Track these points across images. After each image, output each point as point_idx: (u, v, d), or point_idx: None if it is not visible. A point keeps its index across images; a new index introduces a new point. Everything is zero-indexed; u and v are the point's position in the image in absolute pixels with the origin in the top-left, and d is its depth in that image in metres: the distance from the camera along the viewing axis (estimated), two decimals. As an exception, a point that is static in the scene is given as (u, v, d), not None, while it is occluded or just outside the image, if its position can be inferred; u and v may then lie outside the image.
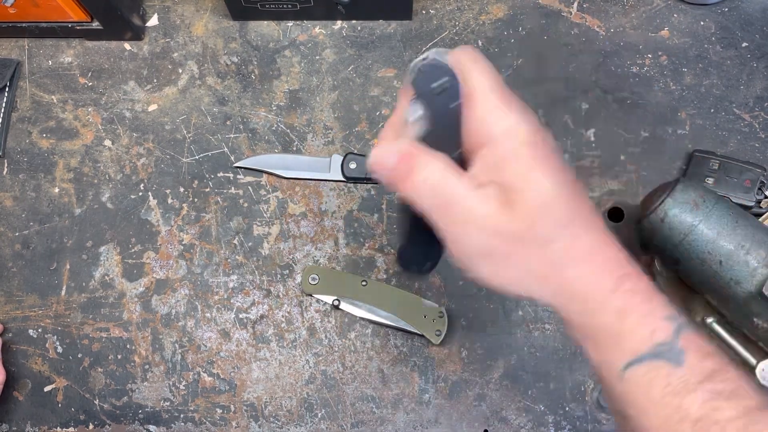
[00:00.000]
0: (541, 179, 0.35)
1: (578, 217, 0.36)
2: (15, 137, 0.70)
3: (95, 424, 0.64)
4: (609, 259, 0.36)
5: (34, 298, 0.66)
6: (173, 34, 0.72)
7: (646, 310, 0.35)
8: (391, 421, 0.62)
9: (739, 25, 0.69)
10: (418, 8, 0.71)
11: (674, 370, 0.34)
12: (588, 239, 0.36)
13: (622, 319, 0.35)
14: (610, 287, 0.35)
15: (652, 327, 0.34)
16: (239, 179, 0.68)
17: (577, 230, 0.36)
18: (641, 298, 0.35)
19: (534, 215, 0.35)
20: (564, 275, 0.35)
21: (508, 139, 0.35)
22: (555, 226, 0.35)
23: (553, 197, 0.35)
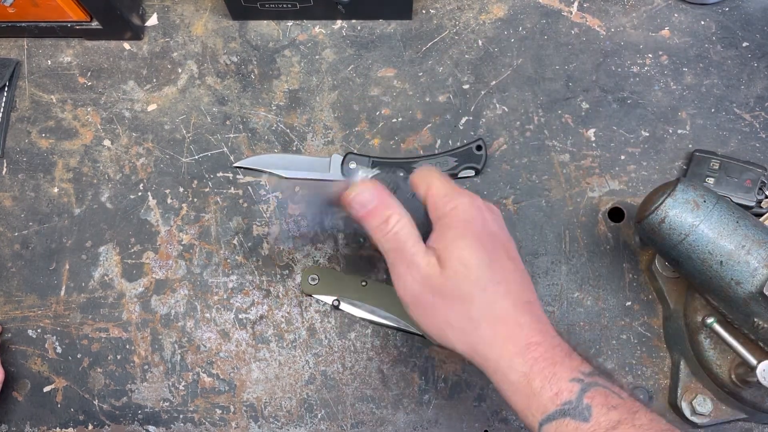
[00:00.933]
0: (465, 247, 0.42)
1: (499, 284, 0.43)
2: (14, 137, 0.70)
3: (94, 425, 0.64)
4: (520, 325, 0.42)
5: (34, 299, 0.66)
6: (173, 34, 0.72)
7: (549, 374, 0.40)
8: (391, 421, 0.62)
9: (740, 25, 0.69)
10: (418, 8, 0.71)
11: (581, 425, 0.39)
12: (504, 305, 0.42)
13: (528, 381, 0.40)
14: (516, 351, 0.41)
15: (556, 389, 0.40)
16: (239, 179, 0.68)
17: (495, 296, 0.42)
18: (546, 364, 0.40)
19: (457, 275, 0.42)
20: (478, 333, 0.42)
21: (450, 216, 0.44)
22: (474, 287, 0.42)
23: (475, 263, 0.42)
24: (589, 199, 0.65)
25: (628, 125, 0.67)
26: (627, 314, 0.63)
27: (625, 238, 0.64)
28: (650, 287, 0.63)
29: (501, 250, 0.45)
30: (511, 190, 0.66)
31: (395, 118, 0.68)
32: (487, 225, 0.45)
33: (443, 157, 0.65)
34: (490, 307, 0.42)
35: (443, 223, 0.45)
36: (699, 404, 0.57)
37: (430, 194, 0.46)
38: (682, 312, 0.59)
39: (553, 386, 0.40)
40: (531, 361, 0.41)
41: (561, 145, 0.67)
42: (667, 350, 0.62)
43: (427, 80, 0.69)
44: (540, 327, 0.43)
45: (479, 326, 0.42)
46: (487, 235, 0.44)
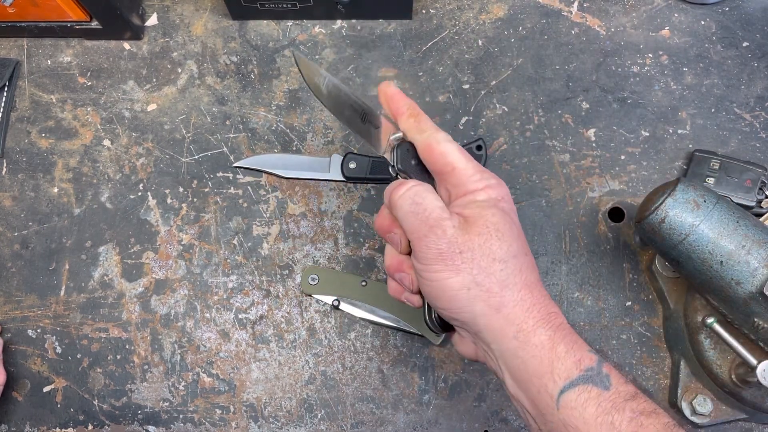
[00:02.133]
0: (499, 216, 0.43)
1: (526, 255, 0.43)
2: (14, 137, 0.70)
3: (94, 425, 0.63)
4: (543, 296, 0.42)
5: (33, 299, 0.66)
6: (172, 34, 0.72)
7: (571, 342, 0.41)
8: (391, 421, 0.62)
9: (740, 25, 0.68)
10: (418, 8, 0.71)
11: (603, 392, 0.39)
12: (532, 274, 0.43)
13: (553, 347, 0.40)
14: (542, 316, 0.41)
15: (578, 355, 0.40)
16: (239, 179, 0.67)
17: (522, 264, 0.43)
18: (567, 332, 0.41)
19: (491, 237, 0.42)
20: (506, 294, 0.41)
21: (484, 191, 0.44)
22: (507, 251, 0.42)
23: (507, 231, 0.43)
24: (589, 199, 0.65)
25: (628, 125, 0.67)
26: (627, 314, 0.63)
27: (625, 238, 0.64)
28: (650, 287, 0.63)
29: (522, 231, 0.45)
30: (511, 190, 0.66)
31: (395, 118, 0.68)
32: (512, 208, 0.46)
33: (443, 157, 0.65)
34: (520, 272, 0.42)
35: (472, 197, 0.44)
36: (699, 404, 0.57)
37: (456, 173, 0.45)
38: (682, 312, 0.59)
39: (576, 352, 0.40)
40: (554, 327, 0.41)
41: (561, 145, 0.67)
42: (668, 350, 0.62)
43: (427, 80, 0.69)
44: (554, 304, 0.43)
45: (507, 288, 0.42)
46: (513, 214, 0.45)
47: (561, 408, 0.39)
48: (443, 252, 0.42)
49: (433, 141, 0.46)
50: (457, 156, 0.45)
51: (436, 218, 0.43)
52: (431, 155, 0.46)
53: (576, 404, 0.39)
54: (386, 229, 0.48)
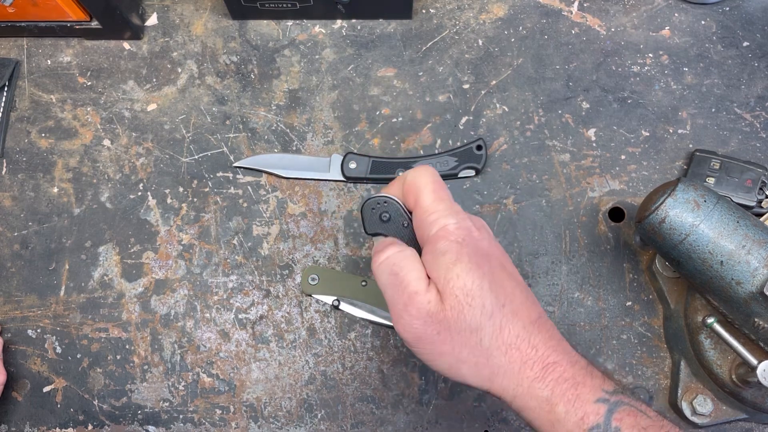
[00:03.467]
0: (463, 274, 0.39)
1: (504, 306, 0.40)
2: (14, 137, 0.70)
3: (94, 425, 0.63)
4: (535, 347, 0.39)
5: (33, 299, 0.66)
6: (172, 34, 0.72)
7: (573, 397, 0.37)
8: (391, 421, 0.62)
9: (740, 25, 0.68)
10: (418, 7, 0.71)
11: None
12: (514, 328, 0.39)
13: (551, 407, 0.38)
14: (534, 376, 0.38)
15: (581, 413, 0.37)
16: (239, 179, 0.67)
17: (503, 321, 0.39)
18: (568, 385, 0.38)
19: (461, 306, 0.39)
20: (492, 363, 0.39)
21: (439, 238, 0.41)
22: (481, 316, 0.39)
23: (476, 289, 0.39)
24: (589, 199, 0.65)
25: (628, 125, 0.67)
26: (627, 314, 0.63)
27: (625, 238, 0.64)
28: (650, 287, 0.63)
29: (498, 268, 0.41)
30: (512, 190, 0.66)
31: (395, 118, 0.68)
32: (479, 244, 0.41)
33: (443, 157, 0.65)
34: (499, 333, 0.39)
35: (434, 249, 0.41)
36: (699, 404, 0.57)
37: (417, 210, 0.43)
38: (682, 312, 0.58)
39: (578, 410, 0.37)
40: (552, 384, 0.38)
41: (561, 144, 0.67)
42: (668, 350, 0.62)
43: (427, 80, 0.69)
44: (555, 344, 0.40)
45: (492, 356, 0.39)
46: (481, 255, 0.41)
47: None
48: (421, 337, 0.40)
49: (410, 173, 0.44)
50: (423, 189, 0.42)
51: (410, 294, 0.40)
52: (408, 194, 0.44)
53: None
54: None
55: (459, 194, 0.66)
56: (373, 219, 0.45)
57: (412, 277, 0.41)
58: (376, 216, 0.45)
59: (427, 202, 0.42)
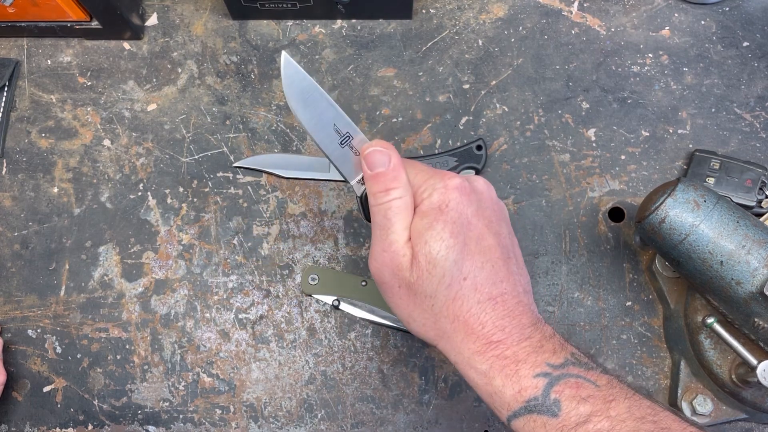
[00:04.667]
0: (433, 240, 0.40)
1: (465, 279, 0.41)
2: (14, 137, 0.70)
3: (94, 425, 0.63)
4: (482, 323, 0.40)
5: (33, 299, 0.66)
6: (172, 34, 0.72)
7: (512, 372, 0.39)
8: (391, 421, 0.62)
9: (740, 25, 0.68)
10: (419, 7, 0.71)
11: (549, 420, 0.37)
12: (467, 302, 0.41)
13: (489, 380, 0.39)
14: (475, 349, 0.40)
15: (518, 387, 0.38)
16: (239, 179, 0.67)
17: (459, 292, 0.41)
18: (508, 362, 0.39)
19: (422, 272, 0.41)
20: (438, 327, 0.41)
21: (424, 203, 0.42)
22: (438, 284, 0.40)
23: (441, 258, 0.40)
24: (589, 199, 0.65)
25: (628, 125, 0.67)
26: (627, 314, 0.63)
27: (625, 238, 0.64)
28: (650, 287, 0.63)
29: (473, 240, 0.42)
30: (511, 190, 0.66)
31: (395, 118, 0.68)
32: (462, 211, 0.42)
33: (443, 157, 0.65)
34: (451, 303, 0.41)
35: (418, 212, 0.42)
36: (699, 404, 0.57)
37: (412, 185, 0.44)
38: (682, 312, 0.59)
39: (515, 384, 0.39)
40: (491, 359, 0.40)
41: (561, 144, 0.67)
42: (668, 350, 0.62)
43: (427, 80, 0.69)
44: (506, 323, 0.41)
45: (438, 320, 0.41)
46: (460, 224, 0.41)
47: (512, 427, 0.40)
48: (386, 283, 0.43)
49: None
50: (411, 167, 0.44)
51: (391, 241, 0.42)
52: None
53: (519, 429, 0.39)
54: None
55: (459, 194, 0.66)
56: None
57: (399, 227, 0.42)
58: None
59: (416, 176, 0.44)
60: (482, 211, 0.43)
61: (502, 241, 0.43)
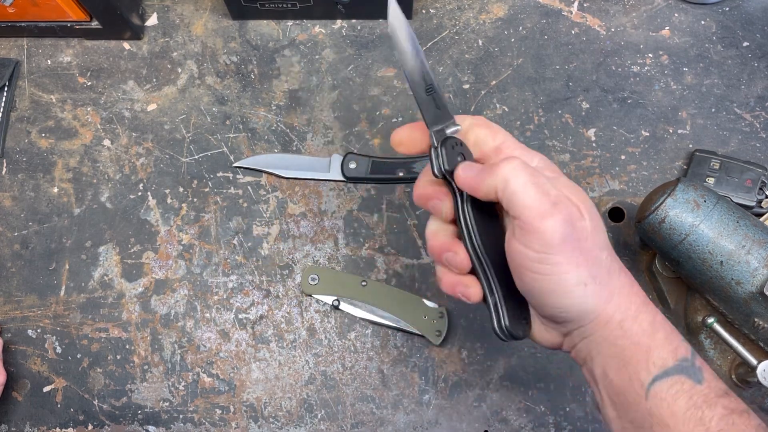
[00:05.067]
0: (587, 202, 0.39)
1: (610, 247, 0.40)
2: (14, 137, 0.70)
3: (94, 425, 0.63)
4: (632, 282, 0.40)
5: (33, 299, 0.66)
6: (172, 34, 0.72)
7: (669, 329, 0.39)
8: (391, 421, 0.62)
9: (740, 25, 0.68)
10: (419, 7, 0.71)
11: (695, 386, 0.37)
12: (620, 264, 0.40)
13: (653, 333, 0.38)
14: (642, 301, 0.39)
15: (675, 344, 0.38)
16: (239, 179, 0.67)
17: (613, 255, 0.40)
18: (663, 318, 0.39)
19: (595, 223, 0.38)
20: (612, 283, 0.39)
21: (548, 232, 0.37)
22: (600, 246, 0.39)
23: (596, 216, 0.39)
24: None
25: (628, 125, 0.67)
26: (627, 314, 0.63)
27: (625, 238, 0.64)
28: (650, 287, 0.63)
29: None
30: (511, 190, 0.66)
31: (395, 118, 0.68)
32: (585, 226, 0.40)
33: (443, 157, 0.65)
34: (615, 260, 0.40)
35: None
36: None
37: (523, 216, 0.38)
38: (682, 312, 0.59)
39: (673, 341, 0.38)
40: (653, 313, 0.39)
41: (561, 144, 0.67)
42: (668, 350, 0.62)
43: (427, 80, 0.69)
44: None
45: (613, 276, 0.39)
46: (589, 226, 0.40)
47: (650, 398, 0.37)
48: (567, 237, 0.36)
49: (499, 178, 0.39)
50: (529, 194, 0.38)
51: (555, 196, 0.37)
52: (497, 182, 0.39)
53: (666, 395, 0.37)
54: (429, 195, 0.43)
55: (459, 194, 0.66)
56: (453, 155, 0.42)
57: (549, 186, 0.38)
58: (455, 154, 0.42)
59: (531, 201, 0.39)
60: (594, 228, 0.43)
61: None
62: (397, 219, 0.66)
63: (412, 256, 0.65)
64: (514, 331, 0.41)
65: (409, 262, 0.65)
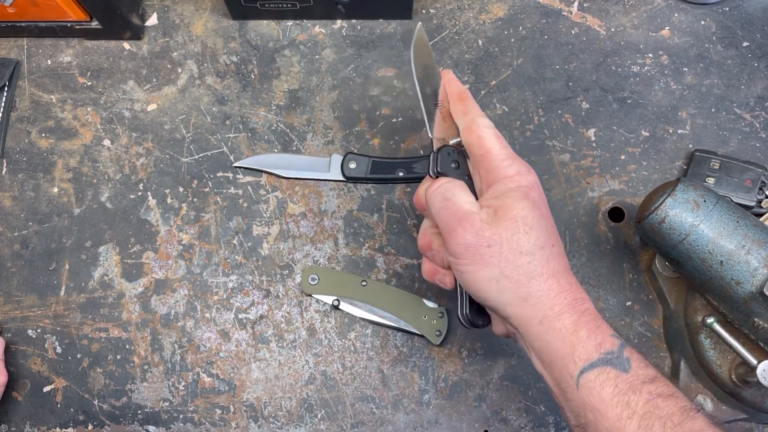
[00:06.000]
0: (527, 208, 0.44)
1: (554, 246, 0.45)
2: (14, 137, 0.70)
3: (94, 425, 0.63)
4: (570, 283, 0.44)
5: (33, 299, 0.66)
6: (172, 34, 0.72)
7: (594, 327, 0.43)
8: (391, 421, 0.62)
9: (740, 25, 0.68)
10: (418, 8, 0.71)
11: (621, 374, 0.41)
12: (558, 264, 0.45)
13: (575, 331, 0.42)
14: (567, 303, 0.43)
15: (599, 339, 0.42)
16: (239, 179, 0.67)
17: (549, 255, 0.44)
18: (589, 318, 0.43)
19: (518, 230, 0.44)
20: (532, 285, 0.44)
21: (513, 178, 0.46)
22: (533, 245, 0.44)
23: (535, 223, 0.44)
24: (589, 199, 0.65)
25: (628, 125, 0.67)
26: (627, 314, 0.63)
27: (625, 238, 0.64)
28: (650, 287, 0.63)
29: (549, 217, 0.47)
30: (511, 190, 0.66)
31: (395, 118, 0.68)
32: (540, 194, 0.47)
33: (443, 157, 0.65)
34: (547, 263, 0.44)
35: (503, 185, 0.46)
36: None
37: (488, 157, 0.47)
38: (682, 312, 0.59)
39: (597, 337, 0.42)
40: (578, 313, 0.43)
41: (561, 144, 0.67)
42: (668, 350, 0.62)
43: (427, 80, 0.69)
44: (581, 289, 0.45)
45: (534, 279, 0.43)
46: (541, 203, 0.46)
47: (581, 387, 0.41)
48: (470, 245, 0.44)
49: (474, 124, 0.48)
50: (493, 141, 0.47)
51: (464, 212, 0.45)
52: (470, 137, 0.48)
53: (594, 384, 0.41)
54: (426, 246, 0.51)
55: (459, 194, 0.66)
56: (447, 162, 0.50)
57: (464, 200, 0.46)
58: (449, 160, 0.50)
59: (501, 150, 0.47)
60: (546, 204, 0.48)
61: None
62: (397, 219, 0.66)
63: (412, 256, 0.65)
64: (473, 320, 0.49)
65: (409, 262, 0.65)
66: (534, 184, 0.46)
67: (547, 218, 0.46)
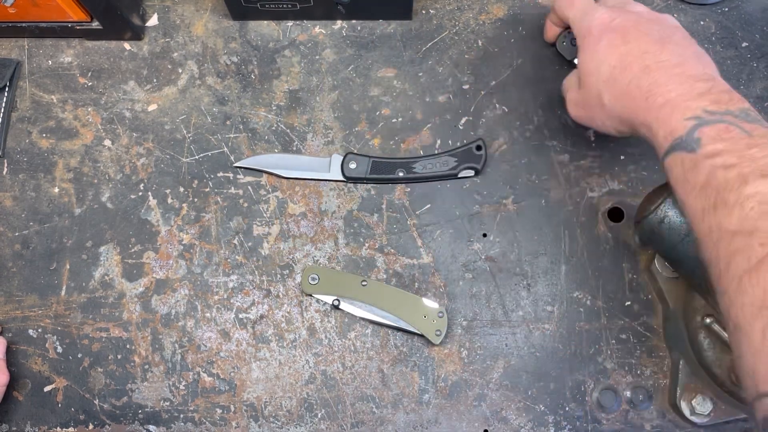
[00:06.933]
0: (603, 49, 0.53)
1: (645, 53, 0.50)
2: (15, 137, 0.70)
3: (95, 425, 0.64)
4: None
5: (34, 298, 0.66)
6: (173, 34, 0.72)
7: (665, 117, 0.45)
8: (391, 421, 0.62)
9: (739, 25, 0.69)
10: (418, 8, 0.71)
11: (687, 155, 0.43)
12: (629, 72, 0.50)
13: (655, 130, 0.46)
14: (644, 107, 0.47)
15: (669, 129, 0.45)
16: (239, 179, 0.68)
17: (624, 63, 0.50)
18: (663, 112, 0.46)
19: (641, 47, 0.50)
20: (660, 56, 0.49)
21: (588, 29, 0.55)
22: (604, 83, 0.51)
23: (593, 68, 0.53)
24: (588, 199, 0.65)
25: (627, 125, 0.67)
26: (627, 314, 0.63)
27: (624, 238, 0.64)
28: (650, 287, 0.63)
29: (643, 35, 0.51)
30: (511, 190, 0.66)
31: (395, 118, 0.68)
32: (625, 24, 0.52)
33: (443, 157, 0.65)
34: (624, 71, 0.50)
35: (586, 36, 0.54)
36: (699, 404, 0.57)
37: (573, 26, 0.56)
38: (681, 312, 0.59)
39: (666, 127, 0.45)
40: (656, 110, 0.46)
41: (561, 144, 0.67)
42: (667, 350, 0.62)
43: (427, 80, 0.69)
44: (678, 72, 0.47)
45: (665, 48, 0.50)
46: (622, 34, 0.52)
47: (665, 168, 0.46)
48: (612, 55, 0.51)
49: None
50: (570, 6, 0.58)
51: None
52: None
53: (668, 167, 0.45)
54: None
55: (459, 194, 0.66)
56: (565, 42, 0.66)
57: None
58: (567, 40, 0.66)
59: (577, 12, 0.56)
60: (651, 13, 0.55)
61: (654, 34, 0.52)
62: (397, 219, 0.66)
63: (412, 256, 0.65)
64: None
65: (409, 262, 0.65)
66: (606, 24, 0.53)
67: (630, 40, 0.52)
